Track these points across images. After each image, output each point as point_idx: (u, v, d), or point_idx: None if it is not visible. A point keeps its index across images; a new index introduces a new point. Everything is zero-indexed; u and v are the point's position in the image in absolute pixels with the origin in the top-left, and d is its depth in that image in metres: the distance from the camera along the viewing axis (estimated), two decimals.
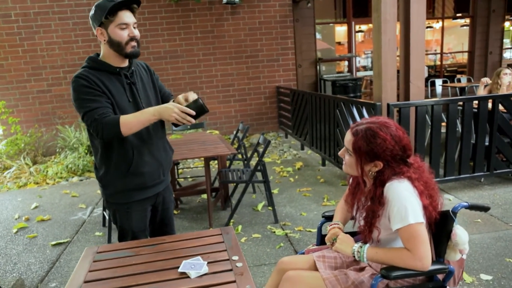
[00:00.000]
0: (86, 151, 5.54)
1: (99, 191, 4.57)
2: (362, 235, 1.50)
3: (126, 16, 1.69)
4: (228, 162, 4.16)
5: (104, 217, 3.58)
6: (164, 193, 1.98)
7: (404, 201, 1.37)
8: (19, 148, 5.86)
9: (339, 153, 1.58)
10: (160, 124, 1.90)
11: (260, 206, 3.82)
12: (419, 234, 1.34)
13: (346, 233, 1.63)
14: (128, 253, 1.57)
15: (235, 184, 3.99)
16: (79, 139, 5.71)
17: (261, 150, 3.75)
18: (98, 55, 1.80)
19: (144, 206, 1.89)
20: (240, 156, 4.47)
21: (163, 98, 2.00)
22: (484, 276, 2.47)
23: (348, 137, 1.49)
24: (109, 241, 3.17)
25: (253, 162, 4.62)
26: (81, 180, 5.10)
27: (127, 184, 1.80)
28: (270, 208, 3.75)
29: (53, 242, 3.30)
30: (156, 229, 2.02)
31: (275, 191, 4.21)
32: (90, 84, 1.66)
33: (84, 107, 1.65)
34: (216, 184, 4.30)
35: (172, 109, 1.61)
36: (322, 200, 3.94)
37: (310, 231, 3.26)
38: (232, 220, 3.48)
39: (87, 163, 5.32)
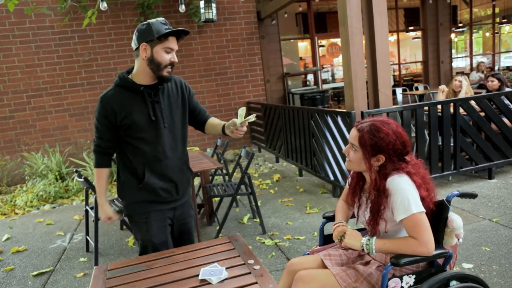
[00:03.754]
0: (56, 177, 5.33)
1: (76, 217, 4.42)
2: (370, 227, 1.60)
3: (173, 43, 1.77)
4: (209, 178, 4.17)
5: (87, 242, 3.46)
6: (182, 207, 1.98)
7: (406, 193, 1.49)
8: None
9: (344, 150, 1.68)
10: (181, 144, 1.92)
11: (245, 219, 3.85)
12: (422, 222, 1.46)
13: None
14: (141, 267, 1.57)
15: (219, 199, 4.01)
16: (48, 165, 5.48)
17: (243, 163, 3.82)
18: (129, 71, 1.86)
19: (163, 216, 1.89)
20: (220, 171, 4.50)
21: (198, 117, 2.02)
22: (465, 265, 2.66)
23: (354, 133, 1.60)
24: (96, 265, 3.06)
25: (233, 178, 4.66)
26: (54, 207, 4.88)
27: (142, 196, 1.85)
28: (256, 220, 3.80)
29: (35, 273, 3.14)
30: (176, 243, 2.00)
31: (258, 203, 4.25)
32: (105, 111, 1.78)
33: (95, 132, 1.87)
34: (198, 201, 4.30)
35: (103, 217, 1.91)
36: (305, 208, 4.04)
37: (298, 238, 3.33)
38: (220, 235, 3.49)
39: (59, 189, 5.11)
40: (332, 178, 4.27)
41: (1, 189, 5.70)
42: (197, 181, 4.96)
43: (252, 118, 1.76)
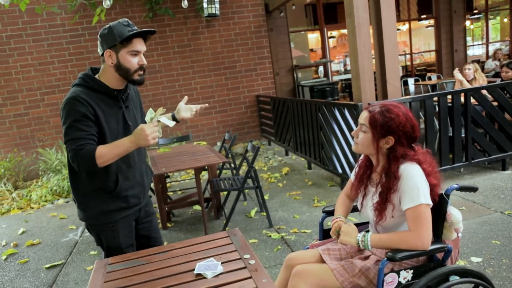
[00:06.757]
0: None
1: None
2: (376, 213, 1.58)
3: (140, 44, 1.69)
4: (217, 172, 4.20)
5: None
6: (145, 207, 1.97)
7: (417, 182, 1.48)
8: None
9: (353, 132, 1.67)
10: (143, 149, 1.92)
11: (253, 213, 3.87)
12: (425, 215, 1.45)
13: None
14: (141, 261, 1.60)
15: (226, 192, 4.04)
16: (62, 160, 5.60)
17: (250, 157, 3.83)
18: (92, 71, 1.77)
19: (129, 221, 1.88)
20: (228, 165, 4.52)
21: None
22: (474, 259, 2.61)
23: (364, 115, 1.59)
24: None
25: (241, 171, 4.67)
26: (67, 201, 5.01)
27: (109, 206, 1.77)
28: (263, 213, 3.81)
29: (47, 265, 3.24)
30: (144, 242, 1.98)
31: (265, 197, 4.27)
32: (85, 111, 1.62)
33: (69, 134, 1.62)
34: (206, 194, 4.33)
35: (145, 135, 1.58)
36: (312, 202, 4.03)
37: (305, 232, 3.33)
38: (227, 228, 3.52)
39: None
40: (340, 171, 4.24)
41: (18, 184, 5.86)
42: (205, 175, 5.01)
43: (159, 112, 1.65)
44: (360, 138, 1.61)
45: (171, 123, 1.74)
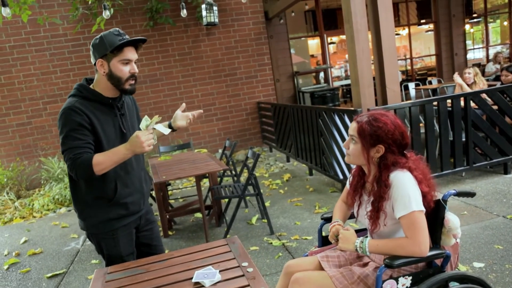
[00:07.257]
0: None
1: None
2: (370, 221, 1.59)
3: (131, 53, 1.70)
4: (218, 179, 4.20)
5: None
6: (145, 215, 1.98)
7: (408, 190, 1.48)
8: (1, 183, 5.73)
9: (344, 144, 1.68)
10: (141, 155, 1.93)
11: (254, 220, 3.87)
12: (419, 221, 1.45)
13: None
14: (139, 270, 1.60)
15: (227, 200, 4.04)
16: (64, 169, 5.63)
17: (250, 164, 3.83)
18: (87, 81, 1.80)
19: (129, 229, 1.88)
20: (229, 172, 4.52)
21: None
22: (476, 264, 2.59)
23: (353, 125, 1.61)
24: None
25: (242, 178, 4.68)
26: (69, 210, 5.02)
27: (109, 214, 1.78)
28: (264, 220, 3.81)
29: (49, 275, 3.24)
30: (145, 250, 1.99)
31: (266, 203, 4.26)
32: (81, 120, 1.65)
33: (66, 144, 1.65)
34: (208, 202, 4.34)
35: (140, 142, 1.59)
36: (314, 208, 4.02)
37: (306, 238, 3.32)
38: (228, 236, 3.51)
39: None
40: (341, 176, 4.23)
41: (21, 193, 5.89)
42: (206, 182, 5.01)
43: (154, 120, 1.66)
44: (351, 149, 1.62)
45: (166, 131, 1.76)
